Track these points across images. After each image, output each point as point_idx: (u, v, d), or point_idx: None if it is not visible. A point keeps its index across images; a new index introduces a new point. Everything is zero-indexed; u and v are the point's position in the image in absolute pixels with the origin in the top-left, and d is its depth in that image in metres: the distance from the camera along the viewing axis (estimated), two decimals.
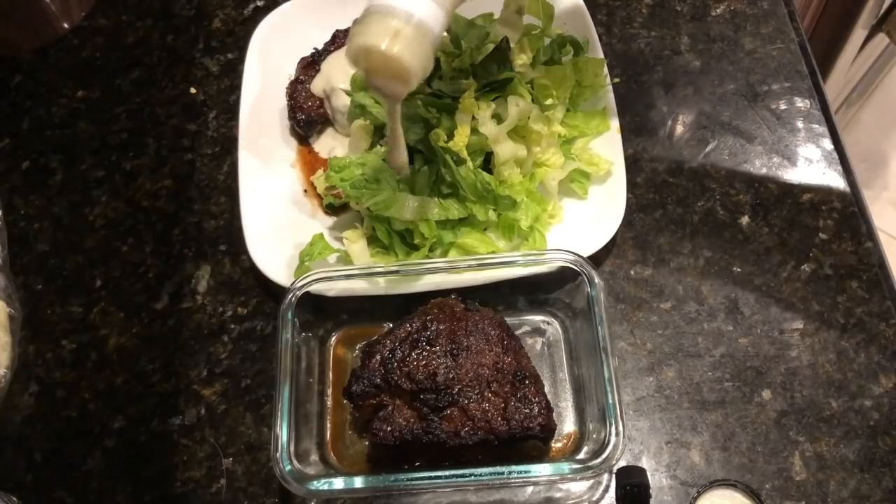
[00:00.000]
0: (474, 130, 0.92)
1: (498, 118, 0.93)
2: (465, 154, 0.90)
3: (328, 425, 0.87)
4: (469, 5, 1.05)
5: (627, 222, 0.97)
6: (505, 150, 0.91)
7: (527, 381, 0.80)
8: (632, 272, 0.95)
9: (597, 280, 0.83)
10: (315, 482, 0.76)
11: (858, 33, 1.57)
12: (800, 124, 1.04)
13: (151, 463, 0.88)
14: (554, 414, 0.82)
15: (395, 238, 0.91)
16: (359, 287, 0.89)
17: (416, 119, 0.94)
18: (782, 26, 1.11)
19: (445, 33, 1.05)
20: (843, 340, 0.90)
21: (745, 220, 0.98)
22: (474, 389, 0.79)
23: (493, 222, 0.94)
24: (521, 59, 0.94)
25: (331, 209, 0.99)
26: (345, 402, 0.83)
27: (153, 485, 0.86)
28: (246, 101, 1.03)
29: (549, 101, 0.96)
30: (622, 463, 0.83)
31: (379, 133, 0.97)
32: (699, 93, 1.07)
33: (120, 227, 1.02)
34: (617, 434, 0.75)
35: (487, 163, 0.94)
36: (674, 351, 0.90)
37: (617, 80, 1.07)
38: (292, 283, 0.84)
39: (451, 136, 0.90)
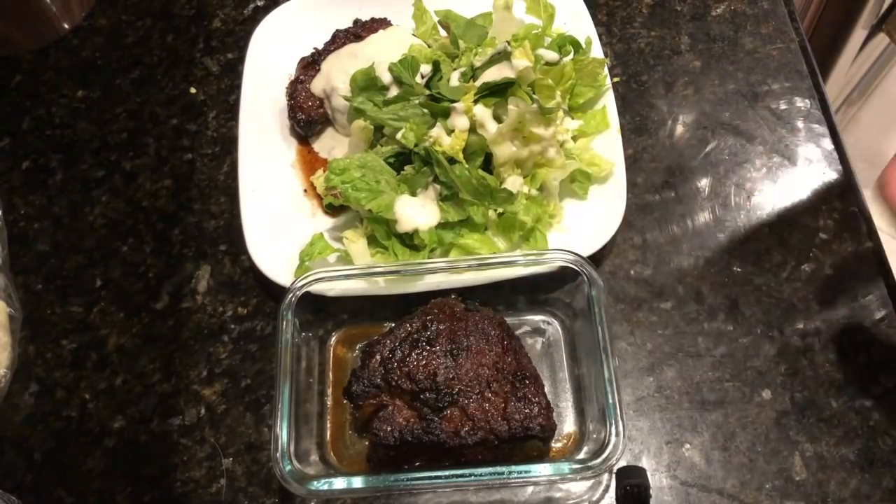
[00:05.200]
0: (473, 131, 0.92)
1: (498, 119, 0.93)
2: (460, 157, 0.90)
3: (328, 425, 0.87)
4: (468, 4, 1.06)
5: (627, 222, 0.97)
6: (503, 151, 0.91)
7: (527, 381, 0.80)
8: (632, 272, 0.95)
9: (597, 280, 0.83)
10: (315, 482, 0.76)
11: (858, 33, 1.57)
12: (800, 124, 1.04)
13: (151, 463, 0.88)
14: (554, 414, 0.82)
15: (395, 240, 0.91)
16: (359, 287, 0.89)
17: (414, 121, 0.94)
18: (782, 26, 1.11)
19: (444, 34, 1.06)
20: (843, 340, 0.90)
21: (745, 219, 0.98)
22: (474, 389, 0.79)
23: (493, 222, 0.94)
24: (523, 62, 0.94)
25: (331, 209, 0.98)
26: (345, 402, 0.83)
27: (153, 485, 0.86)
28: (246, 101, 1.03)
29: (551, 103, 0.96)
30: (622, 463, 0.83)
31: (379, 133, 0.97)
32: (699, 93, 1.07)
33: (120, 227, 1.02)
34: (617, 434, 0.75)
35: (488, 164, 0.94)
36: (674, 351, 0.90)
37: (617, 79, 1.07)
38: (292, 283, 0.84)
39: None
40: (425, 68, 0.99)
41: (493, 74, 0.93)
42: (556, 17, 1.02)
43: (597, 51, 1.02)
